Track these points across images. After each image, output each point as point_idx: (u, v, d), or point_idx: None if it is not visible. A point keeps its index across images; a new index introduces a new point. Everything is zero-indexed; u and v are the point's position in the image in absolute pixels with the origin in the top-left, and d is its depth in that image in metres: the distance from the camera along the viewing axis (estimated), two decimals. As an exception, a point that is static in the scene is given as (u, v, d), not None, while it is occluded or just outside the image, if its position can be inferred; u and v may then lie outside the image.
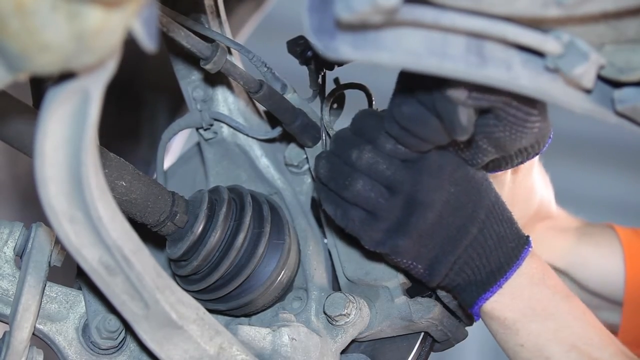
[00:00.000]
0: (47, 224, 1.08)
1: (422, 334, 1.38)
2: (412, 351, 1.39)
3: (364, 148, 1.23)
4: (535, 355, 1.20)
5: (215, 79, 1.45)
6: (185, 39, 1.29)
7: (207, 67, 1.32)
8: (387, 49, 0.97)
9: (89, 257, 1.05)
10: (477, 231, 1.22)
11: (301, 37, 1.41)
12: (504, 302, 1.22)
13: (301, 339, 1.32)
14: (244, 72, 1.35)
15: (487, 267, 1.22)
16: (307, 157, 1.44)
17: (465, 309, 1.30)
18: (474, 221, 1.22)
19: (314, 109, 1.43)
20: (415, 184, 1.21)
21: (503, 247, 1.22)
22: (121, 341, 1.29)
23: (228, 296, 1.36)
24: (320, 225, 1.45)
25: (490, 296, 1.22)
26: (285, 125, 1.41)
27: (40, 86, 1.23)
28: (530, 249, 1.24)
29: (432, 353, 1.41)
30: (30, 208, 1.89)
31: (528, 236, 1.25)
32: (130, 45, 0.92)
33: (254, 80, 1.35)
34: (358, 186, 1.24)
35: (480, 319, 1.29)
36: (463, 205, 1.22)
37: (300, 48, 1.41)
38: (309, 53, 1.40)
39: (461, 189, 1.22)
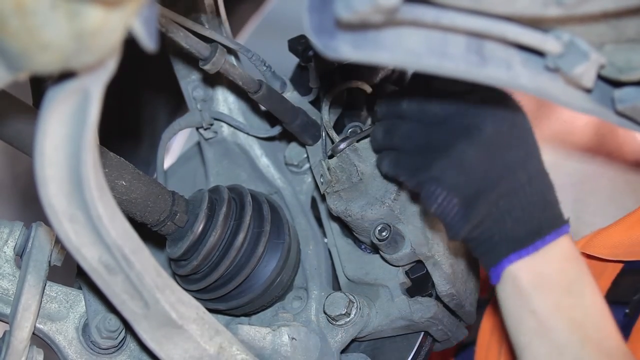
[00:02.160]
0: (47, 223, 1.08)
1: (422, 333, 1.38)
2: (412, 351, 1.39)
3: (415, 94, 1.20)
4: (541, 324, 1.15)
5: (215, 79, 1.45)
6: (184, 39, 1.29)
7: (206, 67, 1.32)
8: (387, 48, 0.97)
9: (89, 256, 1.05)
10: (526, 180, 1.15)
11: (302, 36, 1.41)
12: (533, 266, 1.16)
13: (301, 339, 1.32)
14: (243, 72, 1.35)
15: (528, 224, 1.15)
16: (307, 156, 1.44)
17: (485, 267, 1.21)
18: (524, 168, 1.15)
19: (314, 107, 1.43)
20: (466, 110, 1.15)
21: (547, 211, 1.16)
22: (121, 341, 1.29)
23: (228, 295, 1.36)
24: (320, 225, 1.45)
25: (524, 256, 1.15)
26: (285, 124, 1.41)
27: (40, 85, 1.23)
28: (567, 228, 1.18)
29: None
30: (30, 207, 1.89)
31: (568, 217, 1.19)
32: (130, 44, 0.92)
33: (253, 81, 1.35)
34: (403, 129, 1.20)
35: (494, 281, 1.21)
36: (514, 147, 1.15)
37: (301, 47, 1.42)
38: (310, 52, 1.40)
39: (515, 130, 1.15)
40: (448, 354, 1.70)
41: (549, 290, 1.16)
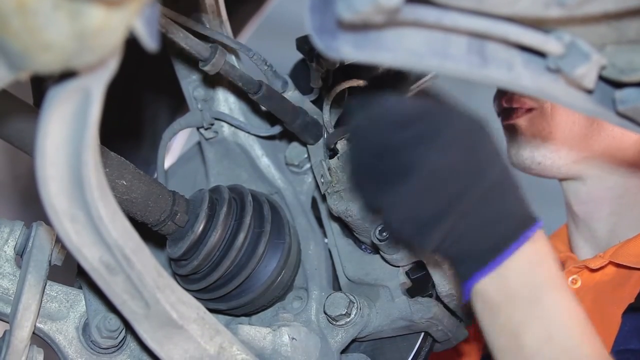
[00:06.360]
0: (48, 223, 1.08)
1: (422, 334, 1.38)
2: (412, 351, 1.39)
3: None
4: (511, 339, 1.13)
5: (215, 79, 1.45)
6: (184, 40, 1.29)
7: (206, 68, 1.32)
8: (389, 49, 0.97)
9: (90, 256, 1.05)
10: (477, 199, 1.12)
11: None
12: (497, 281, 1.14)
13: (301, 339, 1.32)
14: (243, 73, 1.35)
15: (487, 241, 1.14)
16: (308, 156, 1.44)
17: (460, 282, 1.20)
18: (469, 192, 1.12)
19: (315, 106, 1.43)
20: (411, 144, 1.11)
21: (508, 221, 1.14)
22: (121, 340, 1.29)
23: (228, 295, 1.36)
24: (320, 225, 1.45)
25: (487, 273, 1.14)
26: (286, 124, 1.41)
27: (41, 85, 1.23)
28: (534, 231, 1.15)
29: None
30: (30, 207, 1.89)
31: (536, 217, 1.16)
32: (131, 44, 0.92)
33: (253, 81, 1.35)
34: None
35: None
36: (462, 172, 1.12)
37: (308, 46, 1.41)
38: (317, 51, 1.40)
39: (463, 154, 1.12)
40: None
41: (516, 304, 1.14)
